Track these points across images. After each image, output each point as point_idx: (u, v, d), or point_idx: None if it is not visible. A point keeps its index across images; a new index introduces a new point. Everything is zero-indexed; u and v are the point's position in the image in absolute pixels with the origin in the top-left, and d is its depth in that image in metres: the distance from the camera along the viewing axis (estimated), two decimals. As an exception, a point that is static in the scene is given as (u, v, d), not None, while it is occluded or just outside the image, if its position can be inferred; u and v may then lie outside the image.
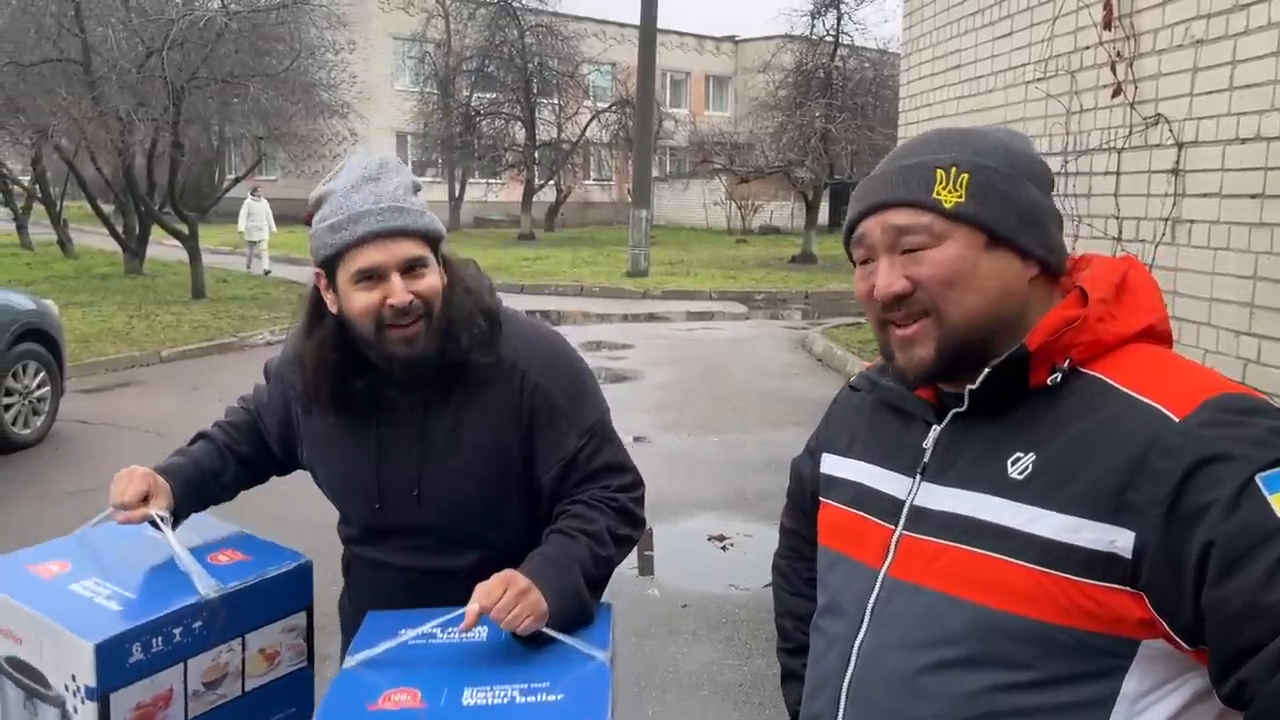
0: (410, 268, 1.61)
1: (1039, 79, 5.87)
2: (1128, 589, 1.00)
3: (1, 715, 1.64)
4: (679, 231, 32.70)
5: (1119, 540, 0.99)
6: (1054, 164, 5.66)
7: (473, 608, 1.48)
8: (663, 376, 10.01)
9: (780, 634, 1.53)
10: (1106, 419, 1.04)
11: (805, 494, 1.43)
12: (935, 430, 1.16)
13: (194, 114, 15.07)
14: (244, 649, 1.64)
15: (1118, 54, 5.00)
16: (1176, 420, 1.00)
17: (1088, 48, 5.35)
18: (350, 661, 1.49)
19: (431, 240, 1.66)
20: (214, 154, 22.96)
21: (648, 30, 19.40)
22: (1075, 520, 1.02)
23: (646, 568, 5.08)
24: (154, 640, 1.51)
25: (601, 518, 1.69)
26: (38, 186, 21.40)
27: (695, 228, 33.83)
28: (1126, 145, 4.98)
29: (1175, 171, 4.60)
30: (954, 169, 1.11)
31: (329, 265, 1.64)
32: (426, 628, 1.53)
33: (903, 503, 1.16)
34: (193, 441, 1.91)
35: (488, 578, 1.53)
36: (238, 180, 19.70)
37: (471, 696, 1.41)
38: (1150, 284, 1.17)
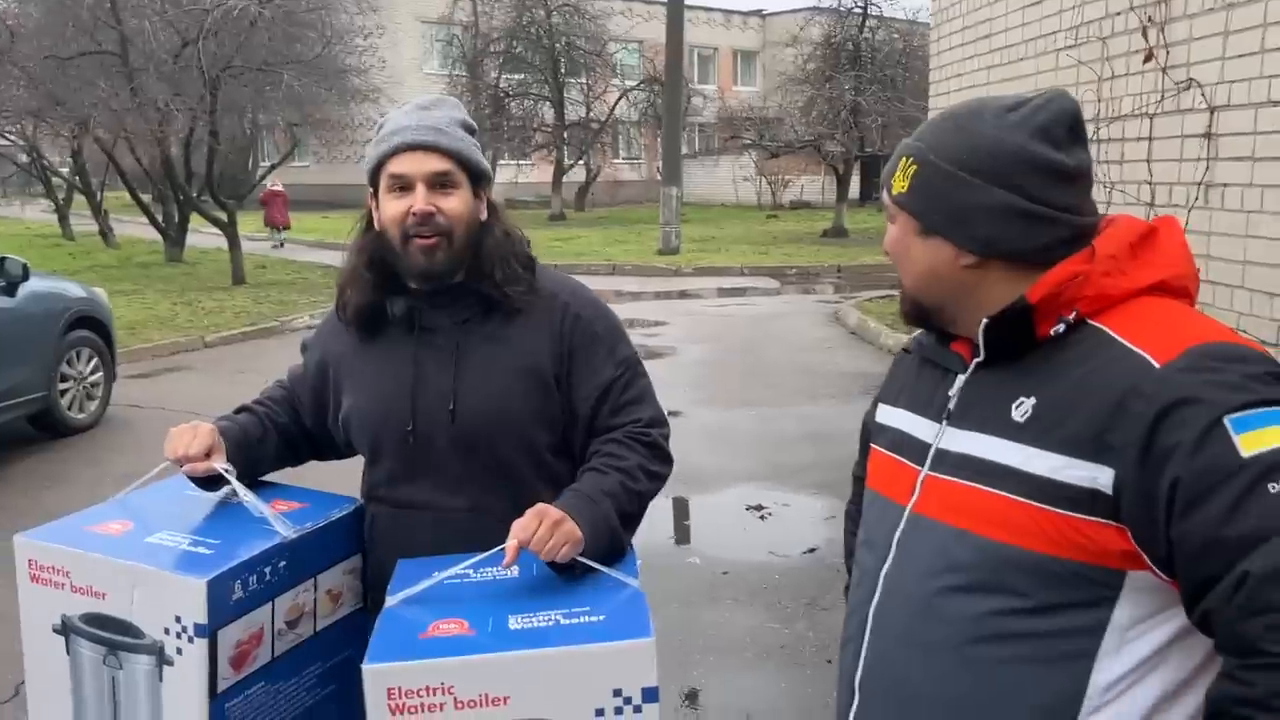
0: (438, 184, 1.74)
1: (1070, 46, 5.86)
2: (1111, 523, 1.09)
3: (72, 678, 1.67)
4: (709, 208, 32.64)
5: (1101, 478, 1.08)
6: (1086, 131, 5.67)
7: (511, 543, 1.55)
8: (698, 353, 10.10)
9: (849, 574, 1.63)
10: (1098, 366, 1.12)
11: (867, 444, 1.53)
12: (960, 379, 1.26)
13: (229, 102, 15.29)
14: (316, 589, 1.74)
15: (1149, 19, 5.00)
16: (1157, 366, 1.08)
17: (1119, 13, 5.34)
18: (391, 600, 1.55)
19: (467, 168, 1.78)
20: (248, 141, 23.22)
21: (675, 6, 19.37)
22: (1066, 459, 1.10)
23: (686, 537, 5.20)
24: (251, 578, 1.60)
25: (633, 455, 1.77)
26: (78, 178, 21.79)
27: (726, 204, 33.75)
28: (1159, 110, 4.98)
29: (1208, 136, 4.60)
30: (910, 158, 1.24)
31: (373, 179, 1.79)
32: (459, 568, 1.59)
33: (929, 446, 1.26)
34: (237, 412, 1.99)
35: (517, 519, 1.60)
36: (273, 168, 19.94)
37: (517, 622, 1.48)
38: (1177, 242, 1.24)
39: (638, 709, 1.43)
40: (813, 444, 6.60)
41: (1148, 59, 4.99)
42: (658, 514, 5.39)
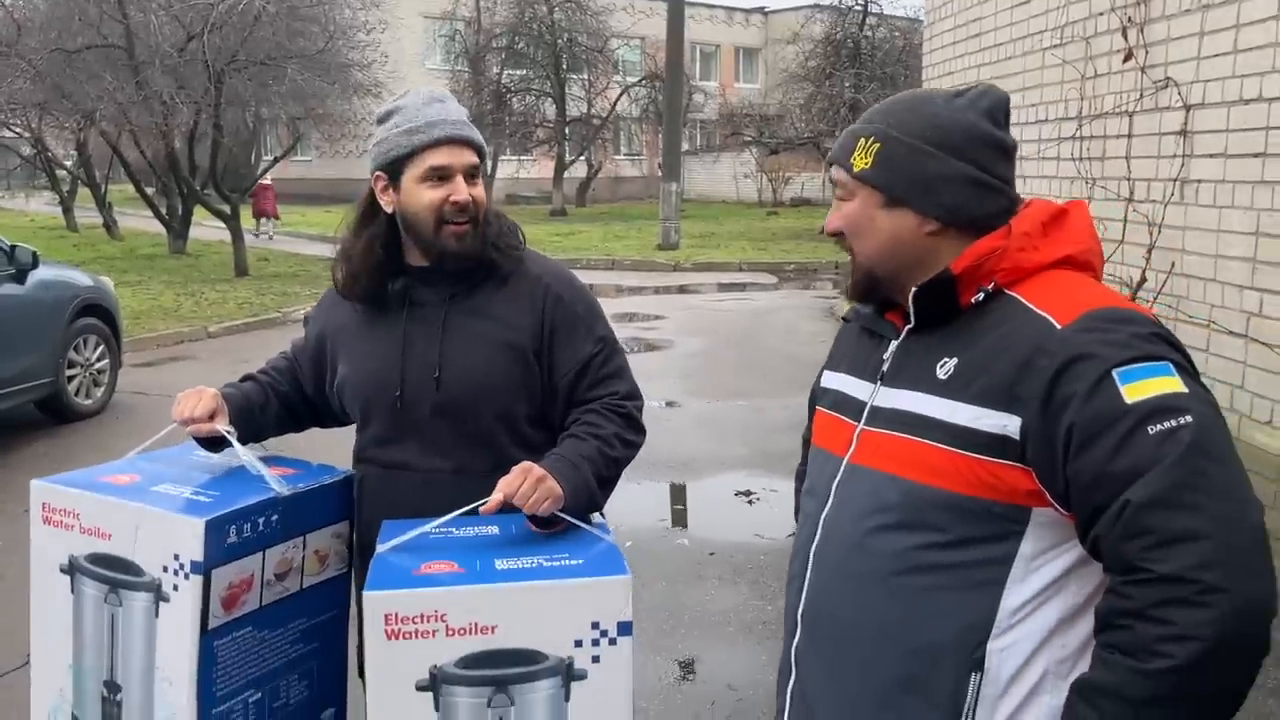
0: (471, 174, 1.92)
1: (1055, 45, 6.01)
2: (1019, 465, 1.24)
3: (74, 615, 1.81)
4: (710, 205, 32.76)
5: (1010, 425, 1.23)
6: (1069, 129, 5.81)
7: (496, 496, 1.69)
8: (693, 345, 10.25)
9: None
10: (1010, 329, 1.28)
11: (814, 410, 1.67)
12: (893, 345, 1.41)
13: (233, 96, 15.41)
14: (304, 548, 1.89)
15: (1129, 19, 5.14)
16: (1059, 328, 1.24)
17: (1101, 14, 5.48)
18: (383, 548, 1.68)
19: (482, 160, 1.97)
20: (251, 135, 23.35)
21: (676, 3, 19.50)
22: (981, 410, 1.26)
23: (676, 520, 5.35)
24: (245, 526, 1.74)
25: (609, 424, 1.92)
26: (82, 170, 21.94)
27: (726, 201, 33.86)
28: (1138, 109, 5.12)
29: (1183, 133, 4.74)
30: (871, 138, 1.37)
31: (395, 166, 1.90)
32: (445, 520, 1.72)
33: (865, 404, 1.41)
34: (243, 380, 2.14)
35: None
36: (275, 161, 20.09)
37: (503, 564, 1.62)
38: (1084, 222, 1.39)
39: (613, 641, 1.58)
40: (801, 432, 6.74)
41: (1127, 58, 5.13)
42: (649, 498, 5.55)
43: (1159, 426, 1.16)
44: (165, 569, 1.71)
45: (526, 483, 1.71)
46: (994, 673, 1.27)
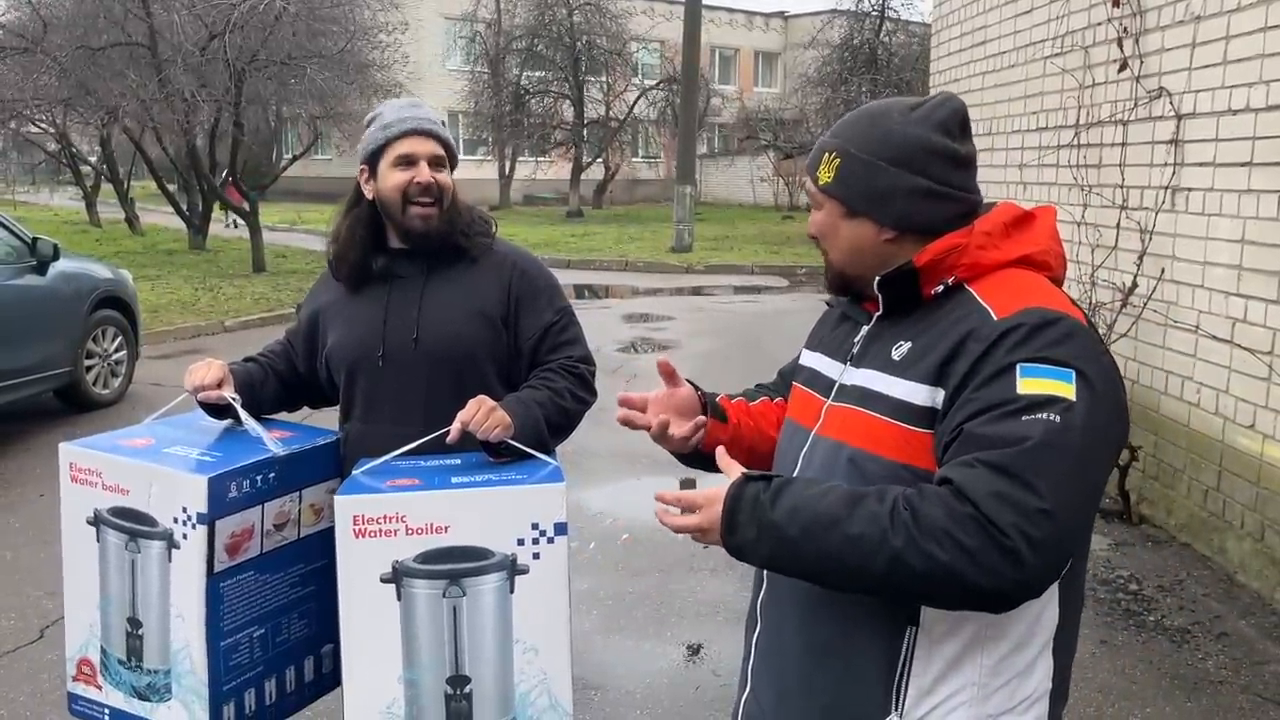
0: (435, 162, 2.19)
1: (1055, 54, 6.10)
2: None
3: (100, 560, 2.04)
4: (727, 208, 32.85)
5: (937, 398, 1.36)
6: (1067, 136, 5.90)
7: (455, 425, 1.94)
8: (701, 346, 10.36)
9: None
10: (957, 316, 1.40)
11: (781, 380, 1.86)
12: (864, 330, 1.54)
13: (254, 95, 15.63)
14: (300, 501, 2.09)
15: (1124, 30, 5.23)
16: (995, 318, 1.36)
17: (1099, 24, 5.57)
18: (356, 471, 1.92)
19: (450, 155, 2.23)
20: (271, 134, 23.64)
21: (692, 6, 19.63)
22: (918, 386, 1.38)
23: (673, 515, 5.46)
24: (244, 482, 1.95)
25: (563, 380, 2.19)
26: (106, 166, 22.26)
27: (743, 204, 33.95)
28: (1132, 118, 5.21)
29: (1175, 142, 4.83)
30: (833, 153, 1.49)
31: (374, 157, 2.19)
32: (412, 446, 1.96)
33: (835, 382, 1.54)
34: (244, 360, 2.39)
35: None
36: (295, 159, 20.32)
37: (457, 479, 1.86)
38: (1047, 226, 1.50)
39: (550, 540, 1.82)
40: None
41: (1122, 68, 5.22)
42: (649, 494, 5.64)
43: (1030, 416, 1.27)
44: (175, 520, 1.92)
45: (480, 411, 1.96)
46: (928, 625, 1.39)
